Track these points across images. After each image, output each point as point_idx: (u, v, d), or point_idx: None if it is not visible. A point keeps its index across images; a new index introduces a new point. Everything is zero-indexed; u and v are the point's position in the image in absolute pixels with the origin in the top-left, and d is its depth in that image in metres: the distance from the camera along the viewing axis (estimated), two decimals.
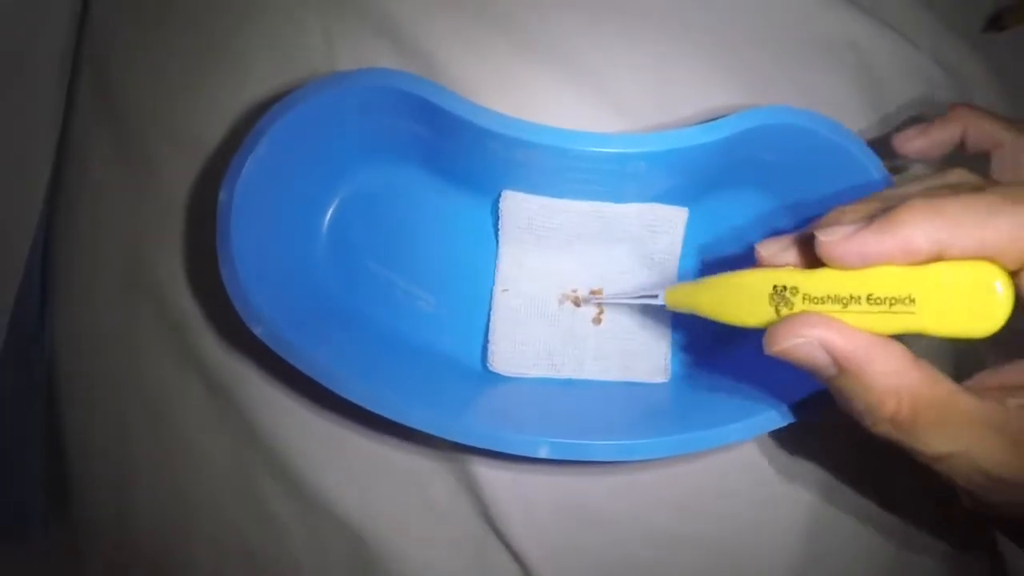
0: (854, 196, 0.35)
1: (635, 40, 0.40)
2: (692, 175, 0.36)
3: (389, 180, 0.37)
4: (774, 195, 0.38)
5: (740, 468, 0.39)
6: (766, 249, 0.28)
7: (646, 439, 0.32)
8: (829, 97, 0.40)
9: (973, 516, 0.28)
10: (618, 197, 0.37)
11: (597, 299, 0.38)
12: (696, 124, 0.34)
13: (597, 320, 0.39)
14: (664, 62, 0.40)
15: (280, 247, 0.35)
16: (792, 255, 0.27)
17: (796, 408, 0.33)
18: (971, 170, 0.28)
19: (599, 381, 0.38)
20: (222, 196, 0.32)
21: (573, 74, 0.39)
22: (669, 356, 0.38)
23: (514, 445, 0.32)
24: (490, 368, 0.37)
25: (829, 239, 0.24)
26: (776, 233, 0.37)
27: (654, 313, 0.38)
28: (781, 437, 0.34)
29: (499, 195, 0.37)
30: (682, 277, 0.39)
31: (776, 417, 0.33)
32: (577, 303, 0.38)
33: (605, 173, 0.34)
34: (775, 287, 0.26)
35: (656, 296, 0.32)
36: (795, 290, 0.26)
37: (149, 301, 0.39)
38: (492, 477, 0.38)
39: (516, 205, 0.37)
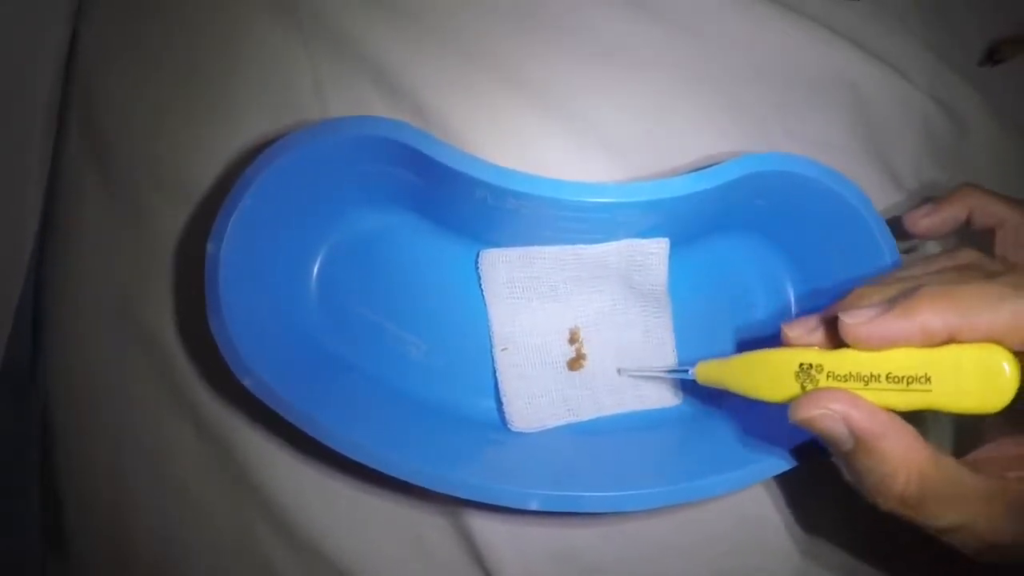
0: (848, 238, 0.36)
1: (629, 85, 0.40)
2: (685, 221, 0.36)
3: (378, 226, 0.37)
4: (767, 236, 0.38)
5: (731, 513, 0.39)
6: (792, 331, 0.29)
7: (637, 490, 0.32)
8: (825, 137, 0.40)
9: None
10: (600, 240, 0.36)
11: (630, 372, 0.38)
12: (690, 171, 0.34)
13: (602, 358, 0.38)
14: (659, 107, 0.40)
15: (270, 296, 0.35)
16: (818, 336, 0.28)
17: (790, 456, 0.33)
18: (976, 245, 0.30)
19: (597, 426, 0.38)
20: (210, 248, 0.32)
21: (567, 120, 0.39)
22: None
23: (505, 497, 0.32)
24: (511, 429, 0.37)
25: (853, 322, 0.26)
26: (770, 276, 0.39)
27: (656, 339, 0.38)
28: (772, 482, 0.34)
29: (486, 244, 0.37)
30: (676, 309, 0.39)
31: (769, 467, 0.33)
32: (577, 362, 0.38)
33: (596, 221, 0.34)
34: (801, 365, 0.28)
35: (687, 371, 0.33)
36: (820, 368, 0.28)
37: (141, 350, 0.38)
38: (486, 526, 0.37)
39: (494, 262, 0.37)
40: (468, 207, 0.34)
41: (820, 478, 0.36)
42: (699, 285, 0.39)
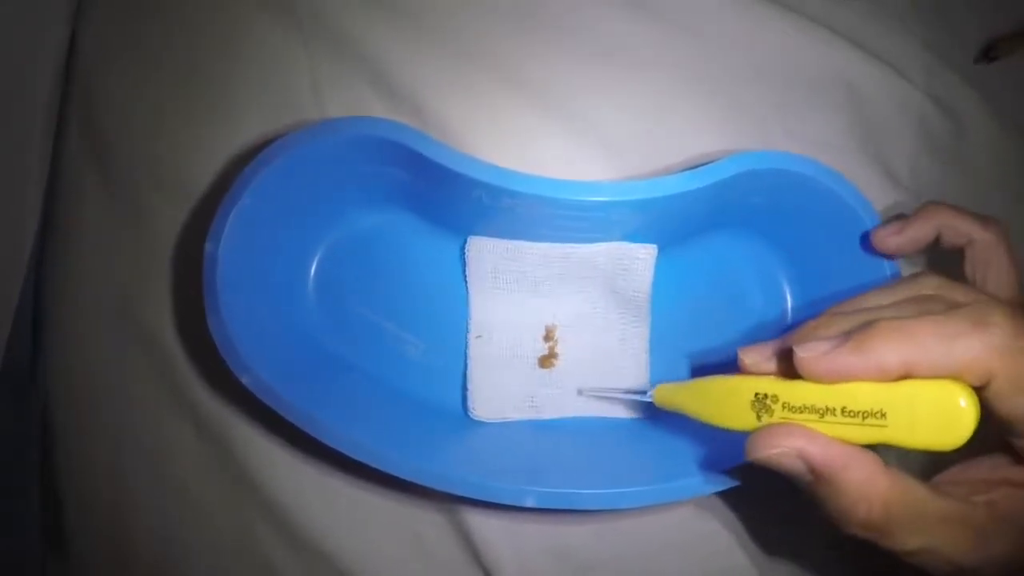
0: (846, 237, 0.36)
1: (629, 85, 0.40)
2: (680, 219, 0.36)
3: (376, 225, 0.37)
4: (763, 236, 0.38)
5: (725, 511, 0.39)
6: (749, 357, 0.29)
7: (633, 487, 0.32)
8: (824, 136, 0.40)
9: None
10: (595, 239, 0.36)
11: (589, 391, 0.38)
12: (685, 169, 0.34)
13: (575, 359, 0.38)
14: (659, 107, 0.40)
15: (268, 295, 0.35)
16: (773, 364, 0.28)
17: None
18: (947, 263, 0.31)
19: (587, 425, 0.38)
20: (208, 247, 0.32)
21: (567, 120, 0.39)
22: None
23: (502, 495, 0.32)
24: (471, 415, 0.37)
25: (806, 355, 0.26)
26: (767, 275, 0.39)
27: (632, 348, 0.38)
28: (765, 480, 0.34)
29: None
30: (660, 317, 0.38)
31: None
32: (548, 360, 0.38)
33: (591, 220, 0.34)
34: (756, 395, 0.28)
35: (645, 393, 0.33)
36: (775, 398, 0.27)
37: (141, 350, 0.39)
38: (483, 523, 0.37)
39: (482, 250, 0.37)
40: (465, 206, 0.34)
41: None
42: (696, 284, 0.39)
